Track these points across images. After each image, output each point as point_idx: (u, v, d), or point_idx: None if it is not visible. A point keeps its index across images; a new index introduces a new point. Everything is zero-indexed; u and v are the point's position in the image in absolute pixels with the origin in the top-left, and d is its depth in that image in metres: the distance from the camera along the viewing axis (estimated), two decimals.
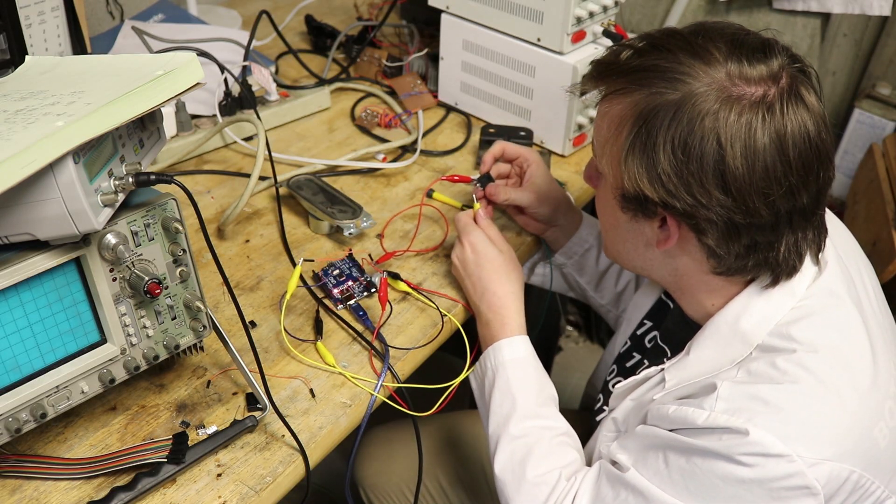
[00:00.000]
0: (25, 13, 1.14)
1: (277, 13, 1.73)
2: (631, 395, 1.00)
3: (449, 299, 1.14)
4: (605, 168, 0.91)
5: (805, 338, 0.85)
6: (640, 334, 1.12)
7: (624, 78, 0.86)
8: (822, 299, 0.89)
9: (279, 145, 1.44)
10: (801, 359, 0.83)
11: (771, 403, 0.80)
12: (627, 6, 1.92)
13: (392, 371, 1.03)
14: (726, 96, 0.80)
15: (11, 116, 0.78)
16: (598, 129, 0.91)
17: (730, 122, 0.79)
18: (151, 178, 0.80)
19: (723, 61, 0.81)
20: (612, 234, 0.97)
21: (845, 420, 0.81)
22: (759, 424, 0.79)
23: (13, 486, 0.88)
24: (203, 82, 0.85)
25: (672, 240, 0.88)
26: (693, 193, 0.82)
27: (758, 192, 0.81)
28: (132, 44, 1.52)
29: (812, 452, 0.78)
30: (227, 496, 0.88)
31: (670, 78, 0.82)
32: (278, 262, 1.20)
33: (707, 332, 0.92)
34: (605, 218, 0.97)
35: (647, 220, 0.89)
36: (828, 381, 0.82)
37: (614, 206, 0.92)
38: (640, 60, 0.85)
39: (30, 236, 0.76)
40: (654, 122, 0.82)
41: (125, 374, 0.89)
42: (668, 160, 0.81)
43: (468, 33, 1.46)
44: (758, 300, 0.89)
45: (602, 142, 0.90)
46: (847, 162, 2.35)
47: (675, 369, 0.94)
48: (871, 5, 1.77)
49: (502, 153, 1.23)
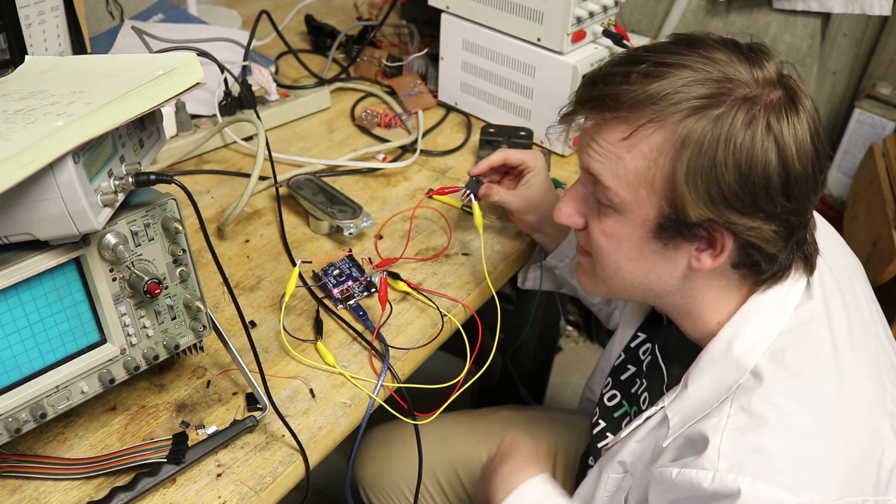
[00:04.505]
0: (25, 13, 1.14)
1: (277, 13, 1.73)
2: (635, 436, 0.97)
3: (449, 299, 1.14)
4: (630, 200, 0.85)
5: (795, 366, 0.84)
6: (633, 346, 1.11)
7: (649, 108, 0.81)
8: (808, 323, 0.87)
9: (279, 145, 1.44)
10: (794, 392, 0.82)
11: (773, 454, 0.79)
12: (627, 6, 1.92)
13: (392, 371, 1.03)
14: (767, 101, 0.79)
15: (11, 116, 0.78)
16: (617, 161, 0.84)
17: (781, 125, 0.79)
18: (151, 178, 0.80)
19: (741, 66, 0.81)
20: (629, 267, 0.90)
21: (848, 452, 0.81)
22: (768, 480, 0.77)
23: (13, 486, 0.88)
24: (203, 82, 0.85)
25: (722, 257, 0.84)
26: (760, 206, 0.80)
27: (810, 188, 0.82)
28: (132, 44, 1.52)
29: (824, 496, 0.77)
30: (227, 496, 0.88)
31: (703, 94, 0.80)
32: (278, 262, 1.20)
33: (702, 363, 0.90)
34: (620, 253, 0.90)
35: (687, 243, 0.85)
36: (823, 417, 0.81)
37: (640, 238, 0.87)
38: (658, 83, 0.81)
39: (30, 236, 0.76)
40: (711, 143, 0.79)
41: (125, 374, 0.89)
42: (733, 177, 0.79)
43: (468, 33, 1.46)
44: (749, 322, 0.88)
45: (628, 174, 0.84)
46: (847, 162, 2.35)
47: (676, 405, 0.91)
48: (872, 5, 1.77)
49: (502, 163, 1.19)
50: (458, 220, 1.29)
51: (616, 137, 0.84)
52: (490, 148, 1.42)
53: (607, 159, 0.85)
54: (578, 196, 0.93)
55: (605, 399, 1.11)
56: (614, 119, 0.83)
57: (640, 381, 1.06)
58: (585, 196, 0.93)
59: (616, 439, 1.01)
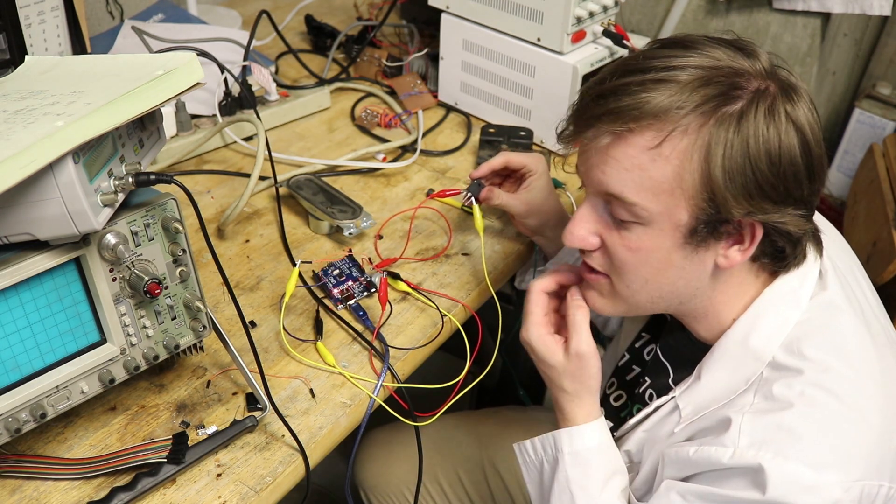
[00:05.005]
0: (25, 13, 1.13)
1: (277, 13, 1.73)
2: (643, 426, 0.97)
3: (449, 299, 1.14)
4: (657, 210, 0.83)
5: (816, 355, 0.84)
6: (638, 347, 1.11)
7: (673, 112, 0.79)
8: (827, 312, 0.88)
9: (279, 145, 1.44)
10: (817, 379, 0.82)
11: (795, 432, 0.79)
12: (627, 6, 1.92)
13: (392, 371, 1.03)
14: (775, 90, 0.81)
15: (11, 116, 0.78)
16: (641, 173, 0.82)
17: (795, 111, 0.81)
18: (151, 177, 0.80)
19: (743, 61, 0.82)
20: (658, 279, 0.88)
21: (870, 436, 0.81)
22: (789, 456, 0.78)
23: (13, 486, 0.88)
24: (203, 82, 0.84)
25: (751, 249, 0.84)
26: (791, 192, 0.81)
27: (825, 167, 0.84)
28: (132, 44, 1.52)
29: (846, 475, 0.77)
30: (227, 496, 0.88)
31: (721, 92, 0.80)
32: (278, 262, 1.20)
33: (717, 355, 0.90)
34: (649, 266, 0.87)
35: (715, 243, 0.84)
36: (847, 399, 0.81)
37: (670, 247, 0.85)
38: (677, 87, 0.80)
39: (30, 236, 0.76)
40: (741, 138, 0.79)
41: (125, 374, 0.89)
42: (767, 168, 0.79)
43: (468, 33, 1.46)
44: (765, 314, 0.88)
45: (654, 184, 0.82)
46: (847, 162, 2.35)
47: (688, 395, 0.91)
48: (872, 5, 1.77)
49: (504, 167, 1.18)
50: (458, 220, 1.29)
51: (640, 148, 0.81)
52: (490, 148, 1.42)
53: (629, 173, 0.82)
54: (589, 216, 0.89)
55: (610, 399, 1.11)
56: (639, 129, 0.81)
57: (645, 380, 1.06)
58: (597, 215, 0.89)
59: (624, 429, 1.01)
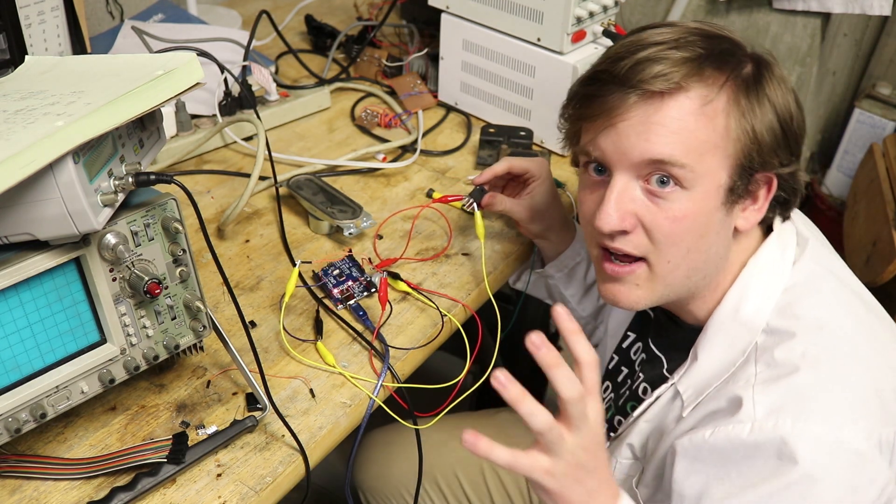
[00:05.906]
0: (25, 13, 1.13)
1: (277, 13, 1.73)
2: (644, 416, 0.97)
3: (449, 299, 1.14)
4: (702, 172, 0.83)
5: (809, 314, 0.85)
6: (625, 347, 1.11)
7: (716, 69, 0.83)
8: (811, 275, 0.90)
9: (279, 145, 1.44)
10: (815, 337, 0.83)
11: (807, 392, 0.79)
12: (627, 6, 1.92)
13: (392, 371, 1.03)
14: (760, 53, 0.89)
15: (11, 116, 0.78)
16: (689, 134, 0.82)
17: (781, 71, 0.89)
18: (151, 178, 0.80)
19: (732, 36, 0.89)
20: (698, 246, 0.87)
21: (882, 385, 0.82)
22: (808, 418, 0.78)
23: (13, 486, 0.88)
24: (203, 82, 0.85)
25: (764, 207, 0.89)
26: (799, 145, 0.89)
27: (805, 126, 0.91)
28: (132, 44, 1.52)
29: (863, 423, 0.78)
30: (227, 496, 0.88)
31: (733, 56, 0.85)
32: (278, 262, 1.20)
33: (710, 332, 0.91)
34: (692, 233, 0.86)
35: (743, 199, 0.88)
36: (850, 353, 0.83)
37: (710, 210, 0.85)
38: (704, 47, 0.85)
39: (30, 236, 0.76)
40: (772, 94, 0.85)
41: (125, 374, 0.89)
42: (789, 114, 0.86)
43: (468, 33, 1.46)
44: (752, 284, 0.90)
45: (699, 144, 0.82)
46: (847, 162, 2.35)
47: (687, 379, 0.91)
48: (872, 5, 1.77)
49: (506, 172, 1.17)
50: (458, 220, 1.29)
51: (686, 109, 0.82)
52: (490, 148, 1.42)
53: (677, 135, 0.82)
54: (620, 196, 0.86)
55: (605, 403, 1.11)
56: (681, 90, 0.82)
57: (638, 376, 1.06)
58: (628, 195, 0.86)
59: (626, 424, 1.01)
